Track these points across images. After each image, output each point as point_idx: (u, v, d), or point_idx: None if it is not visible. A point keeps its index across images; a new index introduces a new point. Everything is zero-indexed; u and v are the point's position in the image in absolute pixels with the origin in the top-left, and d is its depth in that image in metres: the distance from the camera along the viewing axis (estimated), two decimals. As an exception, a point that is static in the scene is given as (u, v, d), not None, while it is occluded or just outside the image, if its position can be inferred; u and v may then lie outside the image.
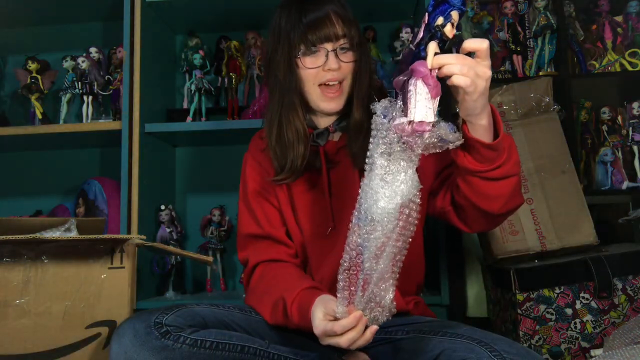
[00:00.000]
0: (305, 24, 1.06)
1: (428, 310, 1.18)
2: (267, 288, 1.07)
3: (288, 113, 1.10)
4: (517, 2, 1.82)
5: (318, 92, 1.09)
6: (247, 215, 1.17)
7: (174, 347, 0.88)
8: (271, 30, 1.13)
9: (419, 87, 0.79)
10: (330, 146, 1.14)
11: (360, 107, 1.10)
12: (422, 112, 0.79)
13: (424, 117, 0.78)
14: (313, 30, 1.05)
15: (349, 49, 1.09)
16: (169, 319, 0.92)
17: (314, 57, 1.08)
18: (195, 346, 0.89)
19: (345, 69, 1.09)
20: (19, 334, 1.08)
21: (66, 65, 1.87)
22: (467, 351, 0.88)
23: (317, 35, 1.05)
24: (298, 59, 1.07)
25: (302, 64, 1.08)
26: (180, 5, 1.78)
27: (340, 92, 1.10)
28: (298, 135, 1.09)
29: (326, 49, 1.06)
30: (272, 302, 1.03)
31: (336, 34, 1.06)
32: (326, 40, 1.06)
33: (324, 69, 1.07)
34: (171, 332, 0.90)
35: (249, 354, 0.92)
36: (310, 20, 1.06)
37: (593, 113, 1.81)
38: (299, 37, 1.06)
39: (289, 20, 1.09)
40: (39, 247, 1.11)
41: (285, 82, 1.09)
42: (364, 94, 1.10)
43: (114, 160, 1.73)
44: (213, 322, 0.97)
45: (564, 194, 1.49)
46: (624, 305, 1.29)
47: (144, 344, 0.88)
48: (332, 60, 1.06)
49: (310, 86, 1.09)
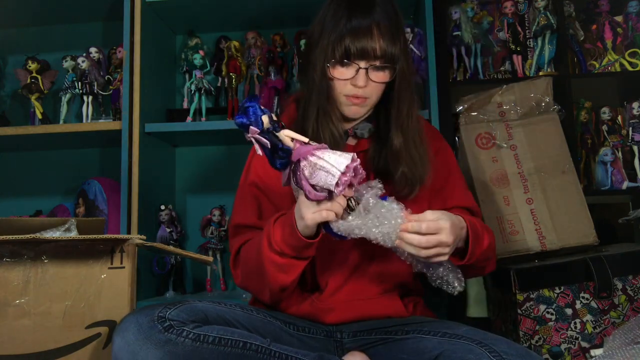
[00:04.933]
0: (346, 32, 1.03)
1: (428, 311, 1.18)
2: (249, 248, 1.09)
3: (324, 118, 1.08)
4: (517, 2, 1.82)
5: (344, 99, 1.09)
6: (240, 206, 1.17)
7: (177, 341, 0.88)
8: (317, 19, 1.11)
9: (317, 156, 0.85)
10: (347, 149, 1.13)
11: (399, 133, 1.08)
12: (340, 161, 0.84)
13: (345, 162, 0.84)
14: (351, 41, 1.03)
15: (383, 69, 1.06)
16: (172, 313, 0.92)
17: (345, 69, 1.06)
18: (198, 341, 0.89)
19: (373, 88, 1.07)
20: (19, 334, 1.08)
21: (66, 65, 1.87)
22: (466, 352, 0.89)
23: (353, 47, 1.03)
24: (329, 67, 1.06)
25: (331, 72, 1.06)
26: (180, 5, 1.78)
27: (364, 102, 1.08)
28: (334, 140, 1.07)
29: (358, 65, 1.04)
30: (255, 249, 1.03)
31: (374, 52, 1.03)
32: (362, 57, 1.04)
33: (352, 83, 1.06)
34: (174, 327, 0.90)
35: (250, 350, 0.92)
36: (353, 28, 1.03)
37: (593, 113, 1.81)
38: (336, 45, 1.04)
39: (334, 17, 1.06)
40: (39, 247, 1.11)
41: (319, 84, 1.08)
42: (403, 118, 1.09)
43: (114, 160, 1.73)
44: (215, 319, 0.97)
45: (564, 194, 1.49)
46: (624, 305, 1.29)
47: (148, 338, 0.88)
48: (361, 77, 1.04)
49: (336, 93, 1.08)
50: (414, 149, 1.09)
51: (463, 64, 1.80)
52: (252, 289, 1.11)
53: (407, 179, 1.08)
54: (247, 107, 0.86)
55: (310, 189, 0.86)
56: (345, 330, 1.08)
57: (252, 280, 1.08)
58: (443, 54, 1.70)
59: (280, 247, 0.97)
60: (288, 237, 0.96)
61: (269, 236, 0.99)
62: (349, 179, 0.84)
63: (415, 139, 1.09)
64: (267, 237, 0.99)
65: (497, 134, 1.58)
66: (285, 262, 0.98)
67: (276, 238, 0.98)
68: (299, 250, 0.97)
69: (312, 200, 0.87)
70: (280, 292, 1.04)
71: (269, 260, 0.99)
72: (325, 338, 1.08)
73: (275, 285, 1.02)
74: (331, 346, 1.08)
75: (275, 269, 1.00)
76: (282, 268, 0.99)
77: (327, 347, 1.07)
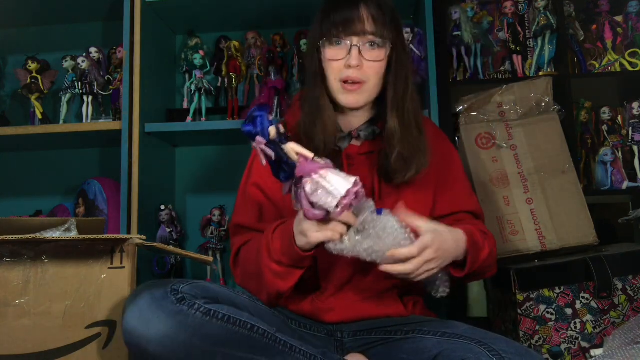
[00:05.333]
0: (333, 6, 1.05)
1: (428, 311, 1.18)
2: (249, 250, 1.10)
3: (318, 115, 1.08)
4: (517, 2, 1.81)
5: (339, 86, 1.07)
6: (241, 206, 1.18)
7: (188, 313, 0.90)
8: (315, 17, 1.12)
9: (321, 175, 0.85)
10: (351, 150, 1.13)
11: (395, 115, 1.07)
12: (342, 184, 0.84)
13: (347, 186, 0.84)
14: (340, 21, 1.03)
15: (377, 48, 1.05)
16: (185, 287, 0.94)
17: (337, 49, 1.05)
18: (209, 315, 0.91)
19: (369, 69, 1.05)
20: (19, 334, 1.08)
21: (66, 65, 1.87)
22: (465, 351, 0.89)
23: (343, 26, 1.02)
24: (322, 50, 1.05)
25: (324, 54, 1.06)
26: (180, 5, 1.78)
27: (360, 88, 1.07)
28: (325, 143, 1.07)
29: (349, 43, 1.04)
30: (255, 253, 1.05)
31: (363, 29, 1.03)
32: (352, 33, 1.03)
33: (346, 64, 1.05)
34: (187, 299, 0.92)
35: (257, 333, 0.93)
36: (339, 5, 1.04)
37: (593, 113, 1.81)
38: (326, 25, 1.04)
39: (325, 7, 1.08)
40: (39, 247, 1.11)
41: (313, 74, 1.08)
42: (399, 101, 1.08)
43: (114, 160, 1.73)
44: (224, 300, 0.99)
45: (564, 194, 1.49)
46: (624, 305, 1.29)
47: (160, 307, 0.90)
48: (354, 56, 1.03)
49: (332, 80, 1.07)
50: (408, 132, 1.07)
51: (463, 64, 1.80)
52: (251, 290, 1.11)
53: (404, 159, 1.06)
54: (255, 116, 0.86)
55: (308, 208, 0.86)
56: (345, 330, 1.09)
57: (251, 282, 1.10)
58: (443, 54, 1.70)
59: (279, 257, 0.99)
60: (286, 249, 0.98)
61: (268, 244, 1.00)
62: (349, 202, 0.85)
63: (411, 121, 1.08)
64: (267, 245, 1.01)
65: (497, 134, 1.58)
66: (283, 270, 1.00)
67: (275, 248, 0.99)
68: (296, 261, 0.99)
69: (310, 219, 0.88)
70: (277, 297, 1.05)
71: (268, 268, 1.01)
72: (326, 337, 1.09)
73: (273, 290, 1.03)
74: (332, 345, 1.08)
75: (273, 276, 1.01)
76: (280, 275, 1.01)
77: (328, 345, 1.07)
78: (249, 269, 1.09)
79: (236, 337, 0.91)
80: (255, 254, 1.04)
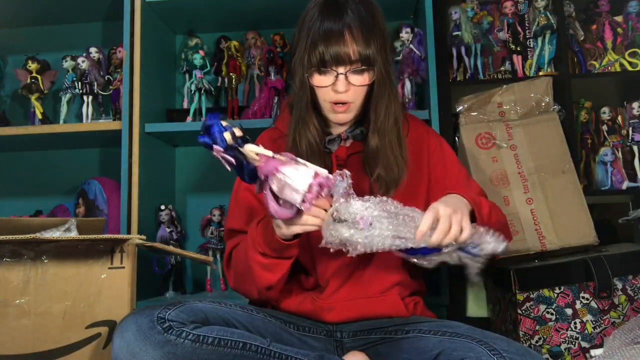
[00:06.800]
0: (318, 39, 1.03)
1: (428, 311, 1.18)
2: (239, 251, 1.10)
3: (302, 127, 1.10)
4: (517, 2, 1.81)
5: (328, 107, 1.09)
6: (233, 211, 1.19)
7: (176, 342, 0.88)
8: (299, 23, 1.11)
9: (282, 173, 0.84)
10: (340, 151, 1.15)
11: (377, 136, 1.09)
12: (302, 179, 0.84)
13: (308, 180, 0.84)
14: (325, 48, 1.02)
15: (362, 72, 1.05)
16: (171, 314, 0.92)
17: (323, 77, 1.06)
18: (198, 342, 0.89)
19: (355, 92, 1.07)
20: (19, 334, 1.08)
21: (66, 65, 1.88)
22: (466, 350, 0.89)
23: (327, 54, 1.02)
24: (308, 76, 1.06)
25: (311, 81, 1.07)
26: (180, 5, 1.78)
27: (349, 107, 1.08)
28: (311, 149, 1.09)
29: (336, 71, 1.04)
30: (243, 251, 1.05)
31: (349, 57, 1.02)
32: (337, 63, 1.03)
33: (333, 89, 1.06)
34: (174, 327, 0.90)
35: (250, 351, 0.92)
36: (325, 34, 1.02)
37: (593, 113, 1.81)
38: (311, 53, 1.03)
39: (308, 24, 1.06)
40: (39, 247, 1.11)
41: (300, 93, 1.09)
42: (381, 123, 1.09)
43: (114, 160, 1.73)
44: (215, 319, 0.97)
45: (564, 194, 1.49)
46: (624, 305, 1.29)
47: (147, 338, 0.89)
48: (340, 83, 1.04)
49: (321, 100, 1.09)
50: (389, 151, 1.09)
51: (463, 64, 1.80)
52: (242, 289, 1.12)
53: (383, 181, 1.09)
54: (209, 125, 0.87)
55: (276, 209, 0.87)
56: (345, 330, 1.09)
57: (242, 281, 1.10)
58: (443, 54, 1.70)
59: (263, 248, 1.00)
60: (269, 240, 0.99)
61: (253, 238, 1.02)
62: (314, 195, 0.85)
63: (392, 140, 1.10)
64: (252, 238, 1.02)
65: (497, 134, 1.58)
66: (269, 262, 1.01)
67: (259, 240, 1.01)
68: (279, 251, 1.00)
69: (282, 219, 0.89)
70: (267, 290, 1.05)
71: (254, 261, 1.02)
72: (326, 337, 1.09)
73: (262, 284, 1.04)
74: (331, 346, 1.08)
75: (260, 269, 1.02)
76: (267, 267, 1.02)
77: (327, 346, 1.07)
78: (239, 268, 1.09)
79: (228, 359, 0.90)
80: (244, 252, 1.06)
